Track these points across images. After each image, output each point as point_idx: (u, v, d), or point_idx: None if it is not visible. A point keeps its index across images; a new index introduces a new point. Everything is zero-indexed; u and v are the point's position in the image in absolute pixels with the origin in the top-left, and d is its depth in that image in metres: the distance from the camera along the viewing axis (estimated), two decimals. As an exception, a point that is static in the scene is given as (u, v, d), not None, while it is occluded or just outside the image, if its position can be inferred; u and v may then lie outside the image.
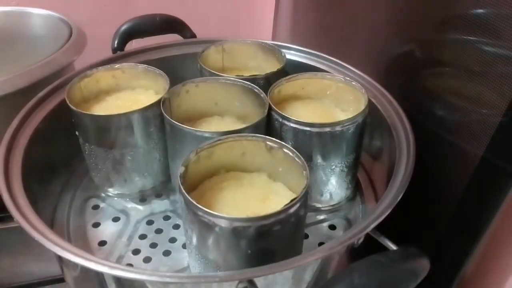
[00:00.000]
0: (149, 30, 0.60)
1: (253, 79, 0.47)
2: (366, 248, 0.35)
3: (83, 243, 0.44)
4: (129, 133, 0.44)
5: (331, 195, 0.46)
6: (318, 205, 0.47)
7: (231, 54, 0.56)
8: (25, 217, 0.34)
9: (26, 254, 0.54)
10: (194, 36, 0.63)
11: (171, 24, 0.62)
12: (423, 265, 0.32)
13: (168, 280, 0.30)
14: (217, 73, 0.48)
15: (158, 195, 0.50)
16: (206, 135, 0.39)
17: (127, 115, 0.42)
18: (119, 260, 0.42)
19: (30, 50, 0.61)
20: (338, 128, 0.41)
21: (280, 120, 0.42)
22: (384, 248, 0.35)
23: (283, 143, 0.38)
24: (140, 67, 0.50)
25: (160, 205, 0.49)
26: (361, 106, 0.43)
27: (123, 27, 0.59)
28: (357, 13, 0.58)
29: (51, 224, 0.45)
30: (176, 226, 0.46)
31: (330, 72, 0.52)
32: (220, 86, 0.47)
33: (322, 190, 0.46)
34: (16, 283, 0.48)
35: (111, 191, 0.49)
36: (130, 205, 0.49)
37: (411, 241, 0.33)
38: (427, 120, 0.45)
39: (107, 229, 0.46)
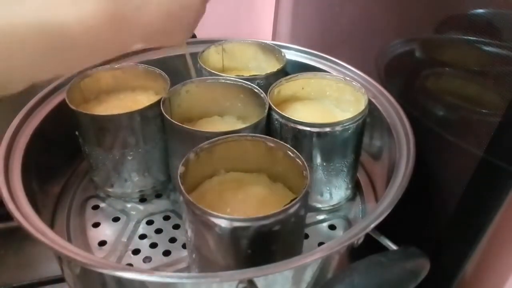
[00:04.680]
0: (149, 30, 0.60)
1: (253, 79, 0.47)
2: (366, 248, 0.35)
3: (83, 243, 0.44)
4: (129, 133, 0.44)
5: (331, 195, 0.46)
6: (318, 205, 0.47)
7: (231, 54, 0.56)
8: (25, 216, 0.34)
9: (26, 254, 0.54)
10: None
11: (171, 24, 0.62)
12: (423, 265, 0.32)
13: (168, 280, 0.30)
14: (217, 73, 0.48)
15: (158, 195, 0.50)
16: (206, 135, 0.39)
17: (127, 115, 0.42)
18: (119, 260, 0.42)
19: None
20: (338, 128, 0.41)
21: (280, 120, 0.42)
22: (384, 248, 0.35)
23: (283, 143, 0.38)
24: (140, 67, 0.50)
25: (160, 205, 0.49)
26: (361, 106, 0.43)
27: (123, 27, 0.59)
28: (357, 13, 0.58)
29: (51, 224, 0.45)
30: (176, 226, 0.46)
31: (330, 72, 0.52)
32: (220, 86, 0.47)
33: (322, 190, 0.46)
34: (16, 283, 0.48)
35: (111, 191, 0.49)
36: (130, 205, 0.48)
37: (411, 241, 0.33)
38: (427, 120, 0.45)
39: (107, 229, 0.46)
